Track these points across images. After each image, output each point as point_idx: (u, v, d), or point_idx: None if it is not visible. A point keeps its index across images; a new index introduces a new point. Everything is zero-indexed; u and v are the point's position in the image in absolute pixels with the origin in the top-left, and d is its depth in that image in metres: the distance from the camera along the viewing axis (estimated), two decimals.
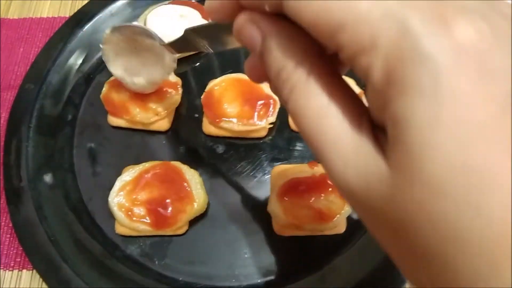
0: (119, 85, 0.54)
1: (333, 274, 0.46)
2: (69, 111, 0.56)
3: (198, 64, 0.60)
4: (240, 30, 0.24)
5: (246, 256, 0.48)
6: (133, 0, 0.62)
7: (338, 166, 0.20)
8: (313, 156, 0.53)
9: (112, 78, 0.56)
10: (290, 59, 0.22)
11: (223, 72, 0.58)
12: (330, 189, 0.48)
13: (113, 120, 0.55)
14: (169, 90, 0.55)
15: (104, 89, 0.55)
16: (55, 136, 0.54)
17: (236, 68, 0.58)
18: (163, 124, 0.55)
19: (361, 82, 0.55)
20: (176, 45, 0.42)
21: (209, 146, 0.54)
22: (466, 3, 0.18)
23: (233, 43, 0.30)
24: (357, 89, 0.54)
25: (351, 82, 0.55)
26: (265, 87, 0.55)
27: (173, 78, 0.56)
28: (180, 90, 0.56)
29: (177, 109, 0.56)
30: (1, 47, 0.64)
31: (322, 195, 0.48)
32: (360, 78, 0.19)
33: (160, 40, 0.44)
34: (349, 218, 0.49)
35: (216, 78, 0.56)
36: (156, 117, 0.54)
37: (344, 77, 0.56)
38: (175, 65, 0.47)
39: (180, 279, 0.47)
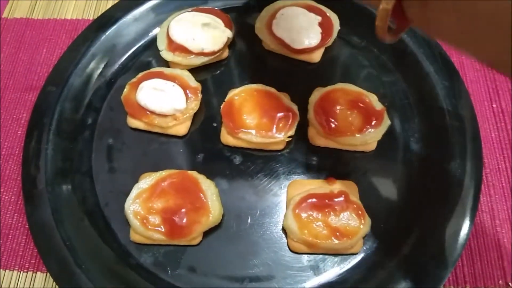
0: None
1: None
2: (89, 115, 0.56)
3: (218, 72, 0.60)
4: None
5: (259, 270, 0.47)
6: (157, 5, 0.62)
7: None
8: (331, 172, 0.52)
9: (133, 80, 0.56)
10: None
11: (243, 82, 0.58)
12: (348, 207, 0.47)
13: (132, 122, 0.55)
14: (190, 95, 0.55)
15: (126, 90, 0.55)
16: (75, 139, 0.54)
17: (256, 78, 0.58)
18: (181, 129, 0.55)
19: (384, 98, 0.55)
20: None
21: (226, 157, 0.54)
22: None
23: None
24: (379, 105, 0.53)
25: (373, 97, 0.54)
26: (285, 99, 0.54)
27: (193, 83, 0.56)
28: (199, 96, 0.55)
29: (196, 116, 0.56)
30: (25, 47, 0.64)
31: (340, 213, 0.47)
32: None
33: None
34: (365, 239, 0.48)
35: (236, 87, 0.56)
36: (174, 121, 0.54)
37: (366, 92, 0.56)
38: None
39: None
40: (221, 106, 0.54)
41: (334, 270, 0.47)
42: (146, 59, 0.61)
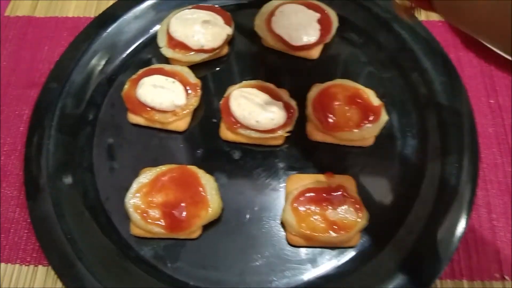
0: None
1: None
2: (91, 111, 0.57)
3: (218, 68, 0.60)
4: None
5: (257, 263, 0.48)
6: (157, 3, 0.63)
7: None
8: (329, 166, 0.53)
9: (134, 76, 0.57)
10: None
11: (242, 78, 0.58)
12: (346, 201, 0.48)
13: (133, 118, 0.56)
14: (189, 91, 0.55)
15: (126, 86, 0.56)
16: (76, 135, 0.55)
17: (256, 74, 0.59)
18: (181, 125, 0.56)
19: (382, 94, 0.55)
20: None
21: (225, 152, 0.55)
22: None
23: None
24: (377, 101, 0.54)
25: (371, 93, 0.55)
26: (284, 95, 0.55)
27: (193, 79, 0.57)
28: (199, 92, 0.56)
29: (196, 112, 0.57)
30: (27, 44, 0.65)
31: (338, 207, 0.47)
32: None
33: None
34: (362, 232, 0.49)
35: (235, 83, 0.56)
36: (174, 117, 0.54)
37: (364, 88, 0.56)
38: None
39: (191, 283, 0.47)
40: (220, 102, 0.55)
41: (331, 263, 0.48)
42: (147, 56, 0.61)
